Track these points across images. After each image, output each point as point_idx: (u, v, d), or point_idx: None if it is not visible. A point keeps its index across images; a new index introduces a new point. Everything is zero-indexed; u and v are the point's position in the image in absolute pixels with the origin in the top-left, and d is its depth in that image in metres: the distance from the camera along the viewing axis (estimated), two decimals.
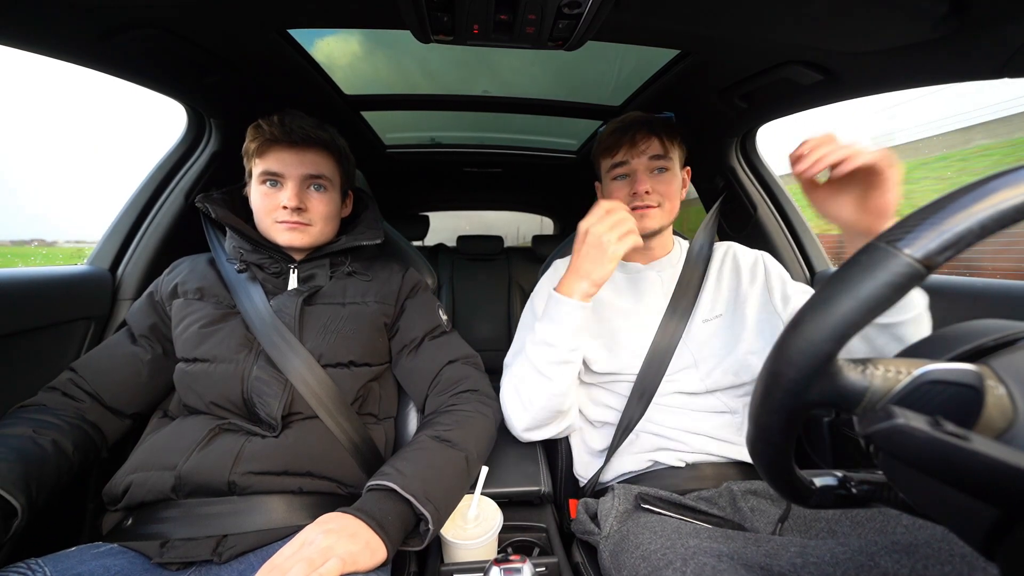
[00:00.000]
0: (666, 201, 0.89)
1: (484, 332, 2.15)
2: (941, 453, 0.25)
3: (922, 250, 0.27)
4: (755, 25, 0.75)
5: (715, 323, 0.90)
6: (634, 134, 0.88)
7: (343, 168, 0.90)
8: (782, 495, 0.39)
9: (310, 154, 0.83)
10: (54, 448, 0.67)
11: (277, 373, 0.75)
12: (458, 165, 2.01)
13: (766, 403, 0.33)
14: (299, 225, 0.82)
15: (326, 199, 0.85)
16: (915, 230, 0.28)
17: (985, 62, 0.70)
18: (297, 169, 0.82)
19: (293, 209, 0.81)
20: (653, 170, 0.89)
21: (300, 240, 0.83)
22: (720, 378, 0.85)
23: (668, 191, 0.89)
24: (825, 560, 0.52)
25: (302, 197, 0.82)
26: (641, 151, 0.88)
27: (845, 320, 0.29)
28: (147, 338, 0.82)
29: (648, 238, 0.92)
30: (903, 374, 0.31)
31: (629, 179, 0.90)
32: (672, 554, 0.57)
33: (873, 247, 0.30)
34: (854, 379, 0.31)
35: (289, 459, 0.70)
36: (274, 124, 0.81)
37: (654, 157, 0.88)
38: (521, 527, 0.83)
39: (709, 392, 0.86)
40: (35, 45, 0.74)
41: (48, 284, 0.88)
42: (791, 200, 1.29)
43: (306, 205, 0.82)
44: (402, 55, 1.08)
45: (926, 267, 0.28)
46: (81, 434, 0.73)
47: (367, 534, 0.56)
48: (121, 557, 0.62)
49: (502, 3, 0.63)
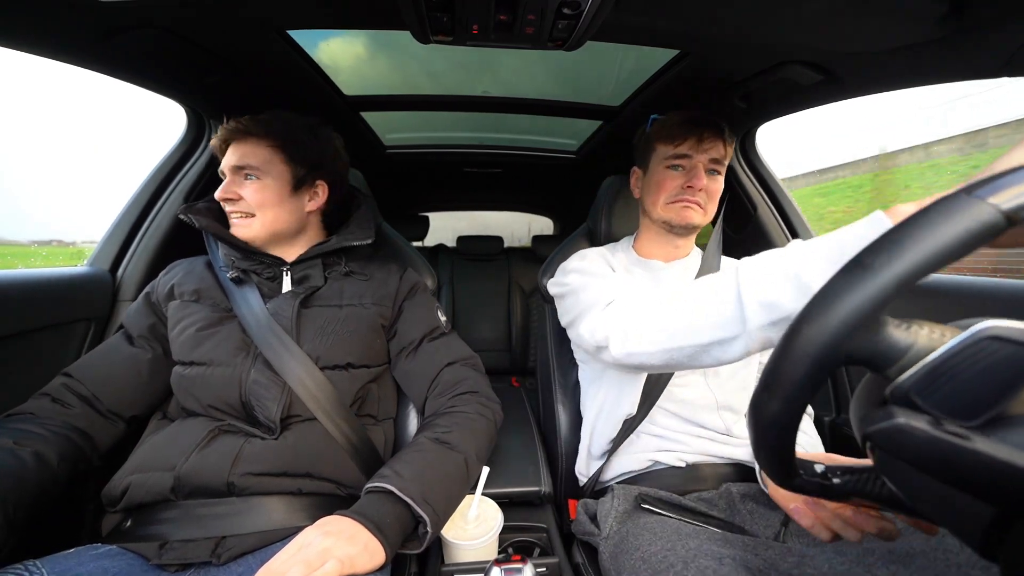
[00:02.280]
0: (710, 203, 0.90)
1: (484, 333, 2.15)
2: (942, 452, 0.25)
3: (1009, 202, 0.26)
4: (755, 25, 0.75)
5: None
6: (703, 131, 0.88)
7: (288, 155, 0.84)
8: (768, 468, 0.36)
9: (242, 146, 0.82)
10: (35, 460, 0.64)
11: (275, 376, 0.75)
12: (458, 165, 2.01)
13: (791, 350, 0.30)
14: (241, 217, 0.82)
15: (257, 187, 0.82)
16: (999, 181, 0.27)
17: (985, 62, 0.71)
18: (228, 162, 0.82)
19: (223, 200, 0.81)
20: (709, 170, 0.89)
21: (245, 232, 0.82)
22: (729, 394, 0.85)
23: (715, 193, 0.90)
24: (823, 570, 0.51)
25: (232, 187, 0.81)
26: (706, 149, 0.88)
27: (915, 263, 0.27)
28: (146, 338, 0.82)
29: (684, 233, 0.93)
30: (947, 336, 0.28)
31: (685, 171, 0.89)
32: (673, 556, 0.57)
33: (954, 196, 0.28)
34: (897, 336, 0.29)
35: (288, 460, 0.70)
36: (224, 125, 0.83)
37: (714, 160, 0.89)
38: (521, 527, 0.83)
39: (716, 409, 0.85)
40: (36, 46, 0.74)
41: (48, 285, 0.88)
42: (791, 200, 1.28)
43: (238, 195, 0.81)
44: (402, 56, 1.08)
45: (1008, 219, 0.26)
46: (67, 444, 0.70)
47: (366, 536, 0.56)
48: (119, 559, 0.62)
49: (502, 3, 0.63)
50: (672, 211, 0.90)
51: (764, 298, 0.50)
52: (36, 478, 0.63)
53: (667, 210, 0.91)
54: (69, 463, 0.69)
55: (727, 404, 0.85)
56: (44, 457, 0.65)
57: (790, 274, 0.49)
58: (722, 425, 0.84)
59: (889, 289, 0.28)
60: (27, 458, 0.63)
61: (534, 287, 2.18)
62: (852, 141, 5.57)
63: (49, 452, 0.66)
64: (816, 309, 0.30)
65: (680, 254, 0.97)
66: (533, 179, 2.29)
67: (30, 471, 0.63)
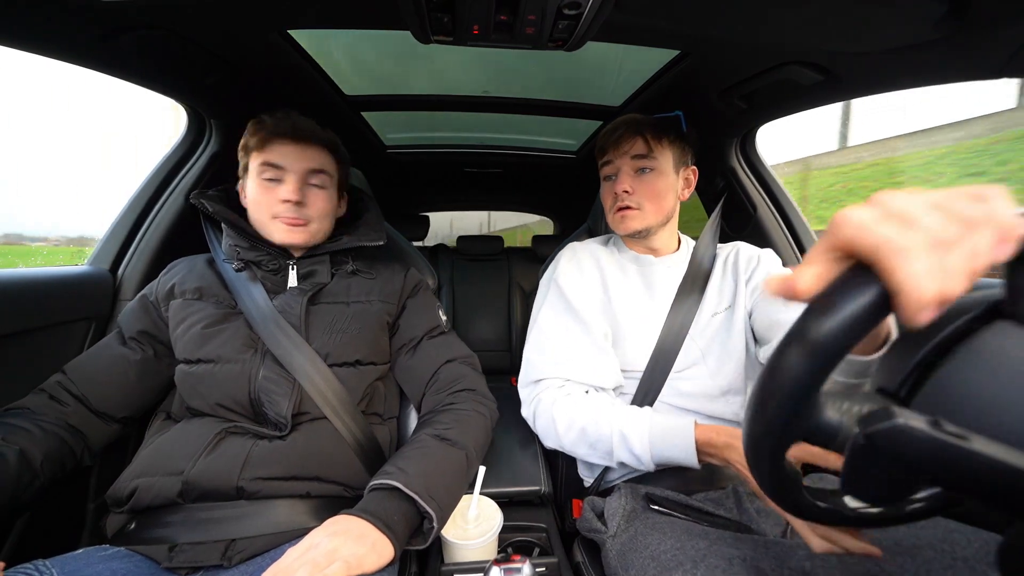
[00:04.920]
0: (647, 203, 0.88)
1: (484, 333, 2.15)
2: (941, 453, 0.25)
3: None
4: (755, 25, 0.75)
5: (723, 315, 0.90)
6: (620, 134, 0.88)
7: (342, 169, 0.90)
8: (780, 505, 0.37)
9: (312, 150, 0.82)
10: (18, 459, 0.63)
11: (285, 372, 0.75)
12: (458, 165, 2.01)
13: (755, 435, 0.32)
14: (297, 222, 0.81)
15: (325, 196, 0.84)
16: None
17: (985, 62, 0.71)
18: (300, 163, 0.81)
19: (294, 204, 0.79)
20: (637, 170, 0.88)
21: (298, 238, 0.82)
22: (733, 377, 0.85)
23: (650, 191, 0.88)
24: (832, 564, 0.52)
25: (303, 192, 0.81)
26: (625, 151, 0.88)
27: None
28: (137, 340, 0.81)
29: (639, 238, 0.93)
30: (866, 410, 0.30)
31: (615, 179, 0.90)
32: (682, 555, 0.57)
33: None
34: (830, 416, 0.30)
35: (297, 463, 0.70)
36: (277, 118, 0.81)
37: (636, 157, 0.88)
38: (521, 527, 0.83)
39: (723, 395, 0.85)
40: (37, 46, 0.75)
41: (48, 284, 0.88)
42: (791, 200, 1.29)
43: (306, 201, 0.81)
44: (402, 55, 1.08)
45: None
46: (56, 443, 0.69)
47: (374, 535, 0.56)
48: (127, 561, 0.62)
49: (502, 4, 0.63)
50: (615, 222, 0.92)
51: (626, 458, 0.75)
52: (14, 477, 0.62)
53: (612, 221, 0.93)
54: (54, 463, 0.68)
55: (730, 387, 0.85)
56: (28, 456, 0.65)
57: (645, 458, 0.73)
58: (730, 411, 0.84)
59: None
60: (10, 456, 0.63)
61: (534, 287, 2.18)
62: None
63: (34, 451, 0.66)
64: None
65: (667, 249, 0.97)
66: (533, 179, 2.29)
67: (11, 468, 0.62)
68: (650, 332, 0.88)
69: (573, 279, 0.90)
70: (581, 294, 0.89)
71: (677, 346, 0.86)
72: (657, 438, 0.72)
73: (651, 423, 0.73)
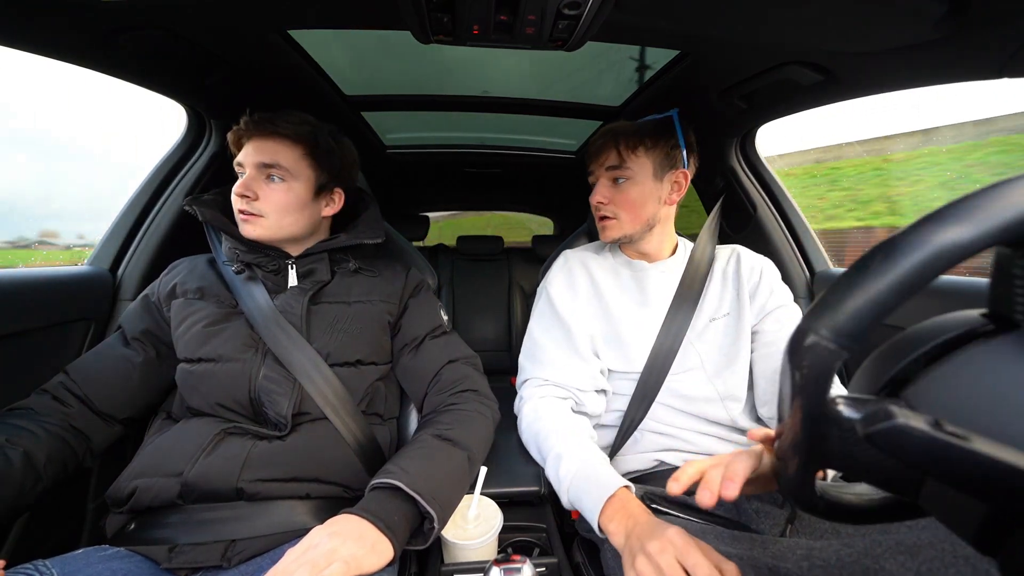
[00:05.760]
0: (622, 212, 0.89)
1: (484, 333, 2.15)
2: (942, 453, 0.25)
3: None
4: (755, 25, 0.75)
5: (723, 321, 0.90)
6: (598, 145, 0.90)
7: (317, 161, 0.83)
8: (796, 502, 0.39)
9: (269, 143, 0.79)
10: (23, 460, 0.63)
11: (285, 372, 0.74)
12: (458, 165, 2.01)
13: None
14: (250, 216, 0.79)
15: (282, 189, 0.79)
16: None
17: (985, 62, 0.70)
18: (253, 157, 0.79)
19: (239, 196, 0.78)
20: (613, 180, 0.89)
21: (253, 232, 0.79)
22: (733, 383, 0.85)
23: (623, 200, 0.88)
24: (831, 562, 0.52)
25: (253, 186, 0.78)
26: (601, 162, 0.89)
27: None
28: (139, 341, 0.81)
29: (629, 243, 0.95)
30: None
31: (596, 190, 0.92)
32: None
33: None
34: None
35: (297, 465, 0.70)
36: (248, 119, 0.80)
37: (610, 168, 0.88)
38: (521, 527, 0.83)
39: (721, 400, 0.85)
40: (37, 46, 0.75)
41: (48, 284, 0.88)
42: (791, 200, 1.29)
43: (257, 194, 0.79)
44: (402, 55, 1.08)
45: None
46: (59, 444, 0.69)
47: (374, 535, 0.56)
48: (128, 561, 0.62)
49: (502, 4, 0.63)
50: (599, 230, 0.93)
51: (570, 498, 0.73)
52: (19, 480, 0.63)
53: (598, 228, 0.94)
54: (57, 465, 0.68)
55: (729, 394, 0.85)
56: (32, 458, 0.65)
57: (562, 488, 0.74)
58: (727, 416, 0.84)
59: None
60: (14, 458, 0.63)
61: (534, 287, 2.18)
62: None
63: (38, 453, 0.66)
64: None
65: (660, 254, 0.97)
66: (533, 179, 2.29)
67: (15, 472, 0.62)
68: (646, 336, 0.88)
69: (560, 288, 0.94)
70: (566, 302, 0.92)
71: (674, 350, 0.86)
72: (580, 479, 0.71)
73: (583, 464, 0.72)
